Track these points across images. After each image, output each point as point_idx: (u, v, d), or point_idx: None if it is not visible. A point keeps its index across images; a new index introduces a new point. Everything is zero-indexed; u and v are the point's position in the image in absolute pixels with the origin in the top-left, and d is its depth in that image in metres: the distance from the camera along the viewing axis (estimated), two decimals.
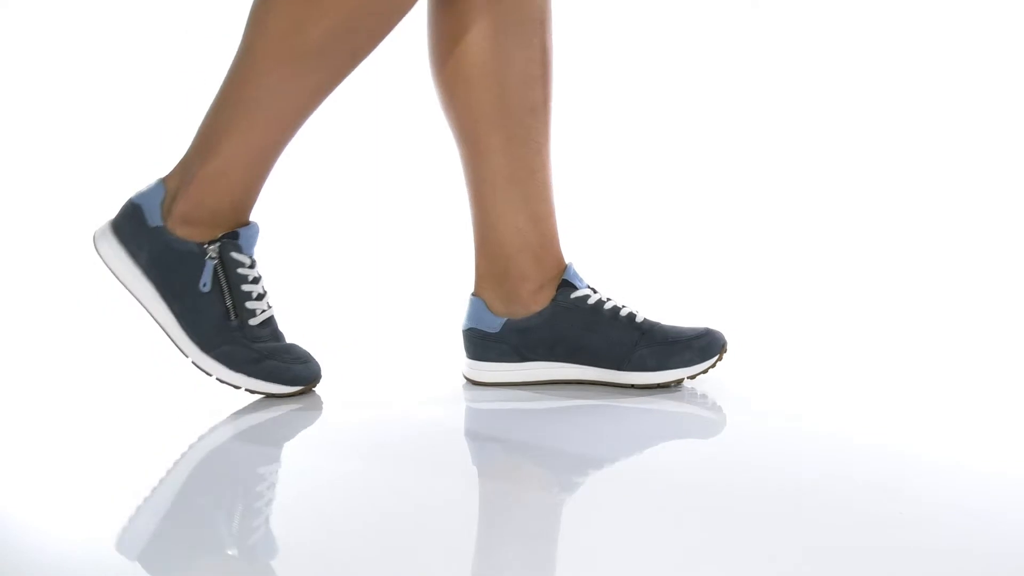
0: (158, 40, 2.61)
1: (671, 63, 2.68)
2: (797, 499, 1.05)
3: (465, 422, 1.35)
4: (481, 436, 1.31)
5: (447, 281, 1.35)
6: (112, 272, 1.34)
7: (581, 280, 1.42)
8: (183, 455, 1.21)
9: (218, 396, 1.44)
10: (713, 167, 2.63)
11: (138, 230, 1.32)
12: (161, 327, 1.33)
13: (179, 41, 2.61)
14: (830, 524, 0.99)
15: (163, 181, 1.34)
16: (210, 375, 1.32)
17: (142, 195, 1.34)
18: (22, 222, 2.42)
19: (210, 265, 1.31)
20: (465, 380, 1.45)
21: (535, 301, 1.41)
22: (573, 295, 1.41)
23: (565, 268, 1.42)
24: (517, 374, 1.42)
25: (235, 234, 1.32)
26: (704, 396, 1.40)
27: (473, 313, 1.43)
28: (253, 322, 1.32)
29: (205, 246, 1.31)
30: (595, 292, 1.42)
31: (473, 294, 1.44)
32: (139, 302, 1.33)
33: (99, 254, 1.34)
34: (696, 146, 2.66)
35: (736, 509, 1.03)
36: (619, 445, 1.25)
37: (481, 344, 1.42)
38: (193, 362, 1.32)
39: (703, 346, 1.40)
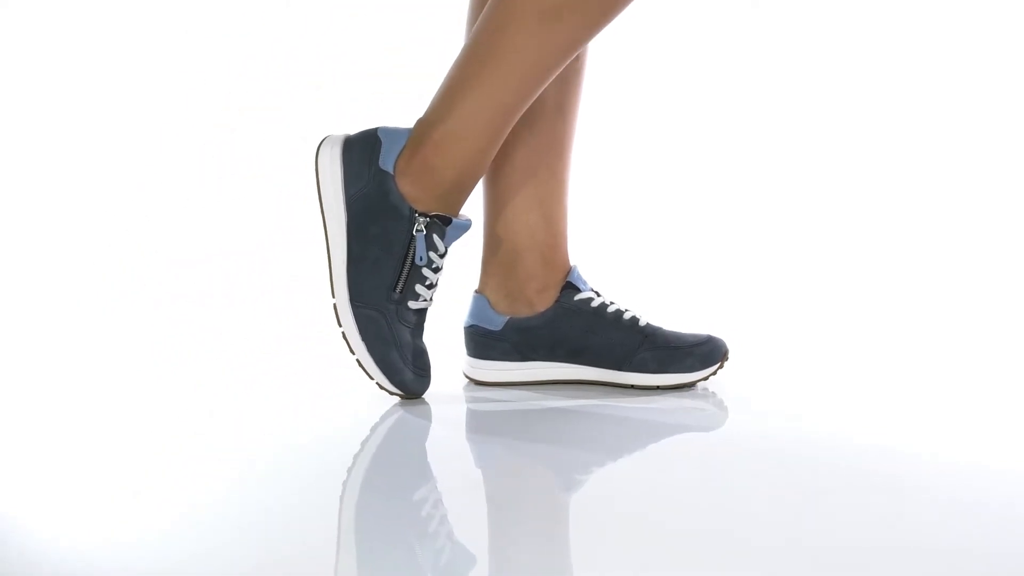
0: (158, 40, 2.61)
1: (670, 63, 2.68)
2: (797, 499, 1.06)
3: (465, 422, 1.35)
4: (481, 435, 1.32)
5: (449, 278, 1.35)
6: (316, 179, 1.33)
7: (585, 283, 1.43)
8: (183, 455, 1.21)
9: (218, 396, 1.44)
10: (712, 169, 2.63)
11: (366, 162, 1.31)
12: (328, 257, 1.32)
13: (179, 41, 2.62)
14: (830, 524, 0.99)
15: (411, 130, 1.32)
16: (340, 327, 1.31)
17: (388, 134, 1.32)
18: (22, 222, 2.42)
19: (419, 237, 1.29)
20: (466, 379, 1.45)
21: (539, 301, 1.42)
22: (577, 297, 1.41)
23: (570, 270, 1.43)
24: (518, 373, 1.42)
25: (448, 220, 1.31)
26: (704, 396, 1.40)
27: (475, 310, 1.43)
28: (412, 305, 1.31)
29: (416, 215, 1.30)
30: (598, 295, 1.43)
31: (476, 291, 1.44)
32: (322, 220, 1.32)
33: (316, 155, 1.33)
34: (694, 149, 2.65)
35: (736, 509, 1.03)
36: (620, 444, 1.26)
37: (482, 342, 1.42)
38: (335, 304, 1.31)
39: (705, 353, 1.40)
